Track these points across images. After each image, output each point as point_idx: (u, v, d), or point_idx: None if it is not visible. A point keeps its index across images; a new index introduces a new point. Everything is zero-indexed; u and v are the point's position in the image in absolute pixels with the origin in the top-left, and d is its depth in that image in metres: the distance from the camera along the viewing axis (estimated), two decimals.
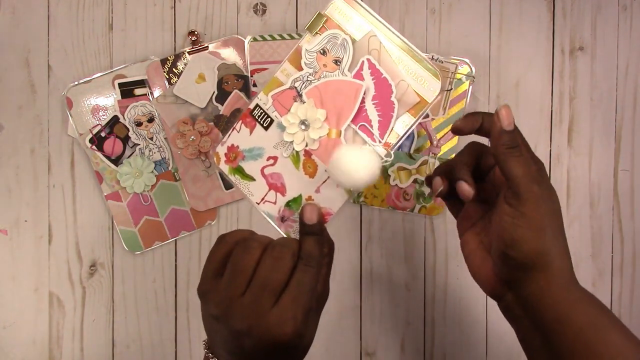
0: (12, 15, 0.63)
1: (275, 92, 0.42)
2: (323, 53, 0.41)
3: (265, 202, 0.43)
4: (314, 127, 0.41)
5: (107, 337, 0.64)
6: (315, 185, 0.42)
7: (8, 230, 0.63)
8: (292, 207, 0.43)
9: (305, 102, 0.41)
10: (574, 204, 0.67)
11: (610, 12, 0.67)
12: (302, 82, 0.41)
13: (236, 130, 0.43)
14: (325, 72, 0.41)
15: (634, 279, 0.68)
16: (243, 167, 0.43)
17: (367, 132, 0.41)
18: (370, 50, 0.40)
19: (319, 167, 0.42)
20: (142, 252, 0.64)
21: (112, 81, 0.62)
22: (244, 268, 0.38)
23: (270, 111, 0.42)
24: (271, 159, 0.43)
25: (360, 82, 0.40)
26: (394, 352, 0.66)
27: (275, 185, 0.43)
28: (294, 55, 0.41)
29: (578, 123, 0.67)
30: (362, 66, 0.40)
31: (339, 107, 0.41)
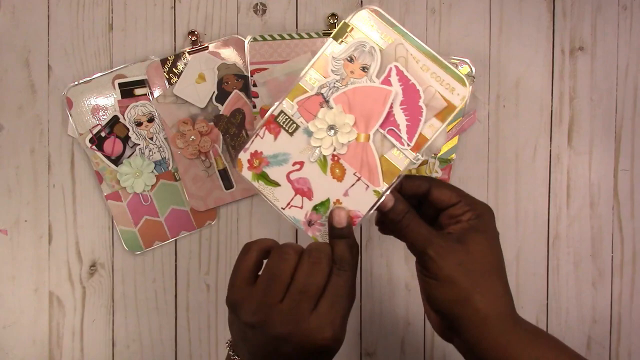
0: (12, 15, 0.63)
1: (301, 99, 0.42)
2: (350, 60, 0.42)
3: (291, 207, 0.44)
4: (342, 131, 0.41)
5: (107, 337, 0.64)
6: (344, 189, 0.43)
7: (8, 230, 0.63)
8: (319, 211, 0.43)
9: (332, 107, 0.42)
10: (574, 204, 0.67)
11: (610, 12, 0.67)
12: (328, 88, 0.42)
13: (259, 137, 0.43)
14: (353, 78, 0.42)
15: (634, 279, 0.68)
16: (267, 173, 0.43)
17: (396, 136, 0.42)
18: (398, 58, 0.41)
19: (347, 170, 0.42)
20: (142, 252, 0.64)
21: (112, 81, 0.62)
22: (282, 274, 0.38)
23: (296, 117, 0.42)
24: (297, 164, 0.43)
25: (389, 87, 0.41)
26: (394, 352, 0.66)
27: (302, 190, 0.43)
28: (320, 62, 0.42)
29: (578, 123, 0.67)
30: (389, 72, 0.41)
31: (368, 112, 0.41)
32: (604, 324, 0.68)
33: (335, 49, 0.42)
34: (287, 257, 0.39)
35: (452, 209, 0.42)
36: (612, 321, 0.68)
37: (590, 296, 0.67)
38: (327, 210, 0.43)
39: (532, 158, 0.66)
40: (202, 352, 0.65)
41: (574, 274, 0.67)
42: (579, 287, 0.67)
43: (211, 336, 0.65)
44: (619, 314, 0.68)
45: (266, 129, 0.43)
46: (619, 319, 0.68)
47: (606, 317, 0.67)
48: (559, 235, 0.67)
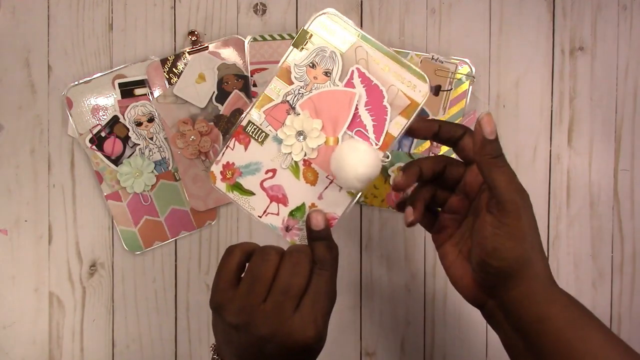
0: (12, 15, 0.63)
1: (267, 107, 0.43)
2: (312, 66, 0.42)
3: (268, 214, 0.44)
4: (311, 136, 0.42)
5: (107, 337, 0.64)
6: (318, 192, 0.43)
7: (8, 230, 0.63)
8: (295, 216, 0.44)
9: (299, 114, 0.42)
10: (574, 204, 0.67)
11: (610, 12, 0.67)
12: (293, 95, 0.42)
13: (230, 148, 0.44)
14: (316, 84, 0.42)
15: (634, 279, 0.68)
16: (241, 183, 0.44)
17: (363, 137, 0.42)
18: (358, 60, 0.42)
19: (319, 174, 0.43)
20: (142, 252, 0.64)
21: (112, 81, 0.62)
22: (264, 275, 0.39)
23: (264, 126, 0.43)
24: (270, 172, 0.43)
25: (353, 90, 0.42)
26: (394, 352, 0.66)
27: (277, 197, 0.44)
28: (283, 72, 0.43)
29: (578, 123, 0.67)
30: (352, 75, 0.42)
31: (334, 115, 0.42)
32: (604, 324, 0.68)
33: (296, 56, 0.42)
34: (269, 259, 0.39)
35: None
36: (612, 321, 0.68)
37: (590, 296, 0.67)
38: (304, 214, 0.43)
39: (532, 158, 0.66)
40: (202, 352, 0.65)
41: (574, 274, 0.67)
42: (579, 287, 0.67)
43: (211, 336, 0.65)
44: (619, 314, 0.68)
45: (236, 139, 0.44)
46: (619, 319, 0.68)
47: (606, 317, 0.67)
48: (559, 235, 0.67)
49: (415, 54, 0.63)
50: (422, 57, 0.63)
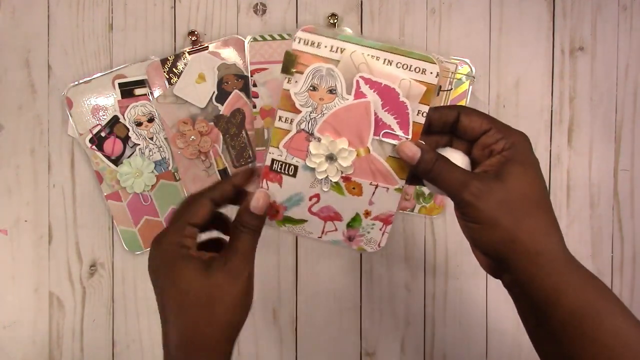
0: (12, 15, 0.63)
1: (286, 141, 0.42)
2: (314, 89, 0.41)
3: (326, 233, 0.44)
4: (341, 156, 0.41)
5: (107, 337, 0.64)
6: (367, 200, 0.43)
7: (8, 230, 0.63)
8: (354, 227, 0.44)
9: (320, 139, 0.41)
10: (574, 204, 0.67)
11: (610, 12, 0.67)
12: (306, 122, 0.41)
13: (265, 189, 0.43)
14: (325, 104, 0.41)
15: (634, 279, 0.68)
16: (290, 216, 0.44)
17: (392, 136, 0.41)
18: (358, 66, 0.41)
19: (362, 184, 0.43)
20: (142, 252, 0.64)
21: (112, 81, 0.62)
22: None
23: (290, 159, 0.42)
24: (314, 198, 0.43)
25: (365, 99, 0.41)
26: (394, 352, 0.66)
27: (329, 216, 0.44)
28: (285, 101, 0.41)
29: (578, 123, 0.67)
30: (358, 85, 0.41)
31: (356, 129, 0.41)
32: None
33: (290, 85, 0.41)
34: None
35: (484, 138, 0.40)
36: None
37: None
38: (361, 223, 0.44)
39: None
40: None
41: None
42: None
43: None
44: None
45: (266, 180, 0.43)
46: None
47: None
48: None
49: None
50: None
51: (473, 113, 0.40)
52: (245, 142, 0.64)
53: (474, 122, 0.40)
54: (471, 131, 0.40)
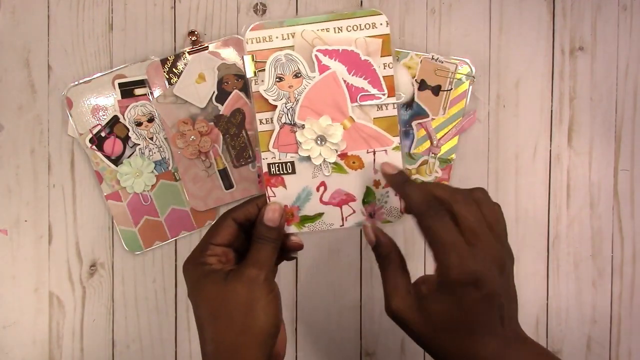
0: (12, 15, 0.63)
1: (273, 141, 0.42)
2: (280, 80, 0.41)
3: (346, 218, 0.44)
4: (329, 134, 0.42)
5: (107, 337, 0.64)
6: (370, 169, 0.43)
7: (8, 230, 0.63)
8: (370, 201, 0.44)
9: (303, 124, 0.41)
10: (574, 204, 0.67)
11: (610, 12, 0.67)
12: (285, 114, 0.42)
13: (272, 197, 0.43)
14: (296, 90, 0.41)
15: (634, 279, 0.68)
16: (305, 214, 0.43)
17: (369, 97, 0.42)
18: (312, 41, 0.41)
19: (360, 155, 0.43)
20: (142, 252, 0.64)
21: (112, 81, 0.62)
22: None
23: (284, 157, 0.42)
24: (321, 187, 0.43)
25: (329, 70, 0.41)
26: (394, 352, 0.66)
27: (343, 200, 0.43)
28: (259, 102, 0.42)
29: (578, 123, 0.67)
30: (318, 59, 0.41)
31: (333, 102, 0.41)
32: (604, 324, 0.68)
33: (259, 85, 0.41)
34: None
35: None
36: (612, 321, 0.68)
37: (590, 296, 0.67)
38: (375, 196, 0.43)
39: (532, 158, 0.66)
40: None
41: (574, 274, 0.67)
42: (579, 287, 0.67)
43: None
44: (619, 314, 0.68)
45: (269, 187, 0.43)
46: (619, 319, 0.68)
47: (606, 317, 0.67)
48: (559, 235, 0.67)
49: (415, 54, 0.63)
50: (422, 57, 0.63)
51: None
52: (245, 142, 0.64)
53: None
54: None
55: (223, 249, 0.42)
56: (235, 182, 0.64)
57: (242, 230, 0.43)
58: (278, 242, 0.42)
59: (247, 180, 0.64)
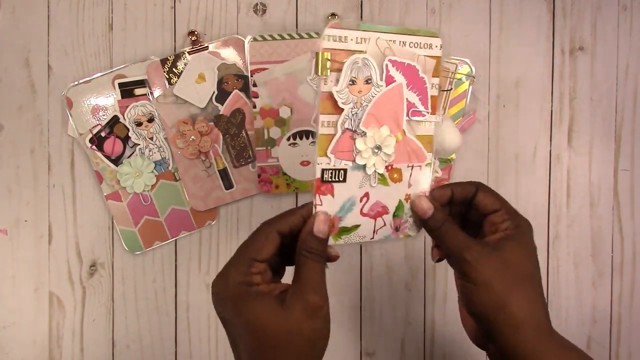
0: (12, 15, 0.63)
1: (332, 147, 0.40)
2: (353, 83, 0.40)
3: (377, 231, 0.44)
4: (385, 144, 0.41)
5: (107, 337, 0.64)
6: (406, 183, 0.43)
7: (8, 230, 0.63)
8: (399, 215, 0.44)
9: (365, 132, 0.41)
10: (574, 204, 0.67)
11: (610, 12, 0.67)
12: (350, 119, 0.40)
13: (319, 206, 0.41)
14: (363, 96, 0.40)
15: (634, 279, 0.68)
16: (344, 226, 0.42)
17: (417, 114, 0.42)
18: (384, 50, 0.41)
19: (401, 169, 0.43)
20: (142, 252, 0.64)
21: (112, 81, 0.62)
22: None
23: (338, 164, 0.41)
24: (364, 198, 0.42)
25: (396, 83, 0.41)
26: (394, 352, 0.66)
27: (378, 212, 0.43)
28: (326, 103, 0.40)
29: (578, 123, 0.67)
30: (387, 69, 0.41)
31: (393, 114, 0.42)
32: (604, 324, 0.68)
33: (329, 84, 0.39)
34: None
35: (493, 216, 0.43)
36: (612, 321, 0.68)
37: (590, 296, 0.67)
38: (403, 209, 0.43)
39: (532, 158, 0.66)
40: (202, 352, 0.65)
41: (574, 274, 0.67)
42: (579, 287, 0.67)
43: (211, 336, 0.65)
44: (619, 314, 0.68)
45: (319, 195, 0.41)
46: (619, 319, 0.68)
47: (606, 317, 0.68)
48: (559, 235, 0.67)
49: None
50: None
51: (488, 192, 0.44)
52: (245, 142, 0.64)
53: (487, 200, 0.43)
54: (483, 207, 0.43)
55: (264, 265, 0.39)
56: (235, 182, 0.64)
57: (282, 244, 0.40)
58: (325, 256, 0.40)
59: (247, 180, 0.64)
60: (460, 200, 0.44)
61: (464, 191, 0.44)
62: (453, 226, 0.42)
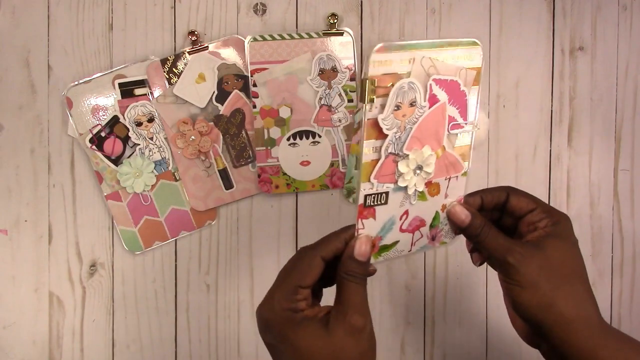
0: (12, 15, 0.63)
1: (376, 172, 0.40)
2: (398, 108, 0.39)
3: (415, 243, 0.44)
4: (426, 163, 0.41)
5: (107, 337, 0.64)
6: (443, 195, 0.43)
7: (8, 230, 0.63)
8: (435, 225, 0.44)
9: (408, 154, 0.40)
10: (574, 204, 0.67)
11: (610, 12, 0.67)
12: (393, 144, 0.40)
13: (361, 230, 0.41)
14: (407, 119, 0.39)
15: (634, 279, 0.68)
16: (385, 244, 0.42)
17: (457, 127, 0.42)
18: (428, 69, 0.39)
19: (439, 183, 0.43)
20: (142, 252, 0.64)
21: (112, 81, 0.62)
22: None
23: (381, 188, 0.40)
24: (404, 215, 0.42)
25: (440, 102, 0.40)
26: (394, 352, 0.66)
27: (417, 226, 0.43)
28: (370, 130, 0.39)
29: (578, 123, 0.67)
30: (431, 89, 0.40)
31: (434, 132, 0.41)
32: None
33: (374, 112, 0.38)
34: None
35: (530, 216, 0.43)
36: (612, 321, 0.68)
37: None
38: (439, 220, 0.44)
39: (532, 158, 0.66)
40: (202, 352, 0.65)
41: None
42: None
43: (211, 336, 0.65)
44: (619, 314, 0.68)
45: (361, 219, 0.40)
46: (619, 319, 0.68)
47: (606, 317, 0.67)
48: None
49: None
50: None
51: (521, 194, 0.44)
52: (245, 142, 0.64)
53: (521, 202, 0.43)
54: (519, 210, 0.43)
55: (309, 290, 0.39)
56: (235, 182, 0.64)
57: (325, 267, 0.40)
58: (366, 278, 0.40)
59: (247, 180, 0.64)
60: (491, 206, 0.44)
61: (495, 197, 0.44)
62: (492, 230, 0.42)
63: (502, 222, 0.45)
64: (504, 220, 0.45)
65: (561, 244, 0.41)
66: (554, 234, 0.41)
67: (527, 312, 0.40)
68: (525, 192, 0.44)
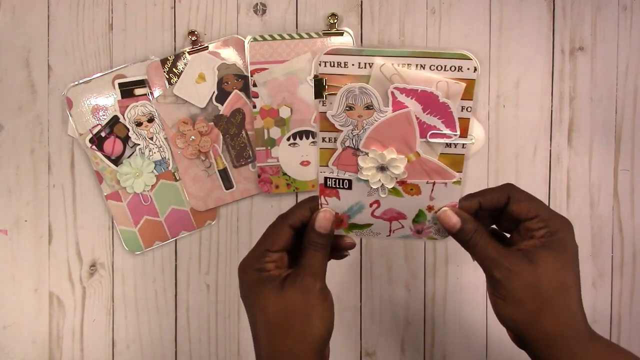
0: (12, 15, 0.63)
1: (334, 159, 0.42)
2: (350, 109, 0.40)
3: (394, 231, 0.44)
4: (392, 165, 0.41)
5: (107, 337, 0.64)
6: (427, 196, 0.43)
7: (8, 230, 0.63)
8: (420, 221, 0.44)
9: (367, 153, 0.41)
10: (574, 204, 0.67)
11: (610, 12, 0.67)
12: (350, 139, 0.41)
13: (325, 204, 0.43)
14: (365, 121, 0.40)
15: (634, 279, 0.68)
16: (355, 222, 0.44)
17: (440, 136, 0.41)
18: (391, 77, 0.40)
19: (419, 184, 0.42)
20: (142, 252, 0.64)
21: (112, 81, 0.62)
22: None
23: (342, 175, 0.42)
24: (374, 204, 0.43)
25: (404, 109, 0.40)
26: (394, 352, 0.66)
27: (393, 217, 0.44)
28: (324, 122, 0.41)
29: (578, 123, 0.67)
30: (394, 96, 0.40)
31: (401, 137, 0.41)
32: (604, 324, 0.68)
33: (326, 107, 0.40)
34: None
35: (528, 223, 0.42)
36: (612, 321, 0.68)
37: (590, 296, 0.67)
38: (426, 217, 0.44)
39: (532, 158, 0.66)
40: (202, 352, 0.65)
41: None
42: None
43: (211, 336, 0.65)
44: (619, 314, 0.68)
45: (324, 196, 0.43)
46: (619, 319, 0.68)
47: (606, 317, 0.67)
48: None
49: None
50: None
51: (523, 201, 0.43)
52: (245, 142, 0.64)
53: (521, 208, 0.42)
54: (518, 216, 0.42)
55: (279, 254, 0.43)
56: (235, 182, 0.64)
57: (296, 234, 0.43)
58: (328, 247, 0.43)
59: (247, 180, 0.64)
60: (490, 209, 0.44)
61: (494, 201, 0.43)
62: (483, 237, 0.41)
63: (501, 222, 0.45)
64: (503, 220, 0.45)
65: (554, 257, 0.40)
66: (549, 245, 0.40)
67: (509, 325, 0.40)
68: (527, 194, 0.43)
